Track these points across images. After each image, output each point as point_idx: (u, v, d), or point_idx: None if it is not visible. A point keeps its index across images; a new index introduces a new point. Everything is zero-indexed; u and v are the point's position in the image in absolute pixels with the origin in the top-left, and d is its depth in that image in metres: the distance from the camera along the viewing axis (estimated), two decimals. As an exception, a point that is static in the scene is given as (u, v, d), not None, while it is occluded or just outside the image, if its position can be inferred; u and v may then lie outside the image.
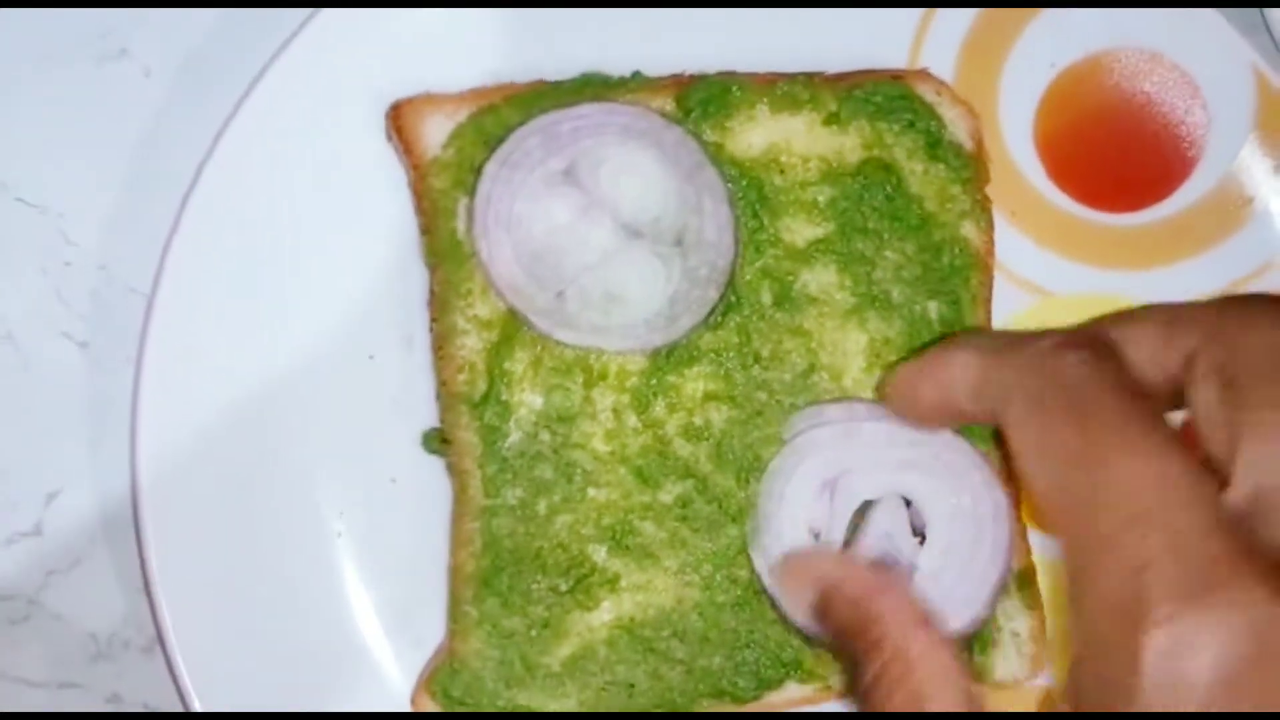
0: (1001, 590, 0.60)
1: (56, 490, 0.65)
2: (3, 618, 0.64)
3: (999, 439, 0.62)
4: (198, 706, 0.59)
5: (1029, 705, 0.63)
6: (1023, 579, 0.62)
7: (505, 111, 0.63)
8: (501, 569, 0.60)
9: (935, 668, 0.48)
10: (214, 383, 0.62)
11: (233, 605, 0.61)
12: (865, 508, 0.60)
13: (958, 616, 0.59)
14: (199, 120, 0.66)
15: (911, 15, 0.68)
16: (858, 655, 0.50)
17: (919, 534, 0.61)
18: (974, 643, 0.61)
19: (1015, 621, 0.62)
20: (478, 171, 0.62)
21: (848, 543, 0.59)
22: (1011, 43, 0.68)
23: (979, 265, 0.64)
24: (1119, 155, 0.69)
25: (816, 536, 0.60)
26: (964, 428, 0.60)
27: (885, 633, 0.50)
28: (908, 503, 0.61)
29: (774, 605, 0.60)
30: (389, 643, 0.62)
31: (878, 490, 0.60)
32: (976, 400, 0.52)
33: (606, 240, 0.61)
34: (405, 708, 0.61)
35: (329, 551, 0.63)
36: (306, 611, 0.62)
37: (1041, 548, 0.63)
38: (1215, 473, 0.45)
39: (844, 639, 0.52)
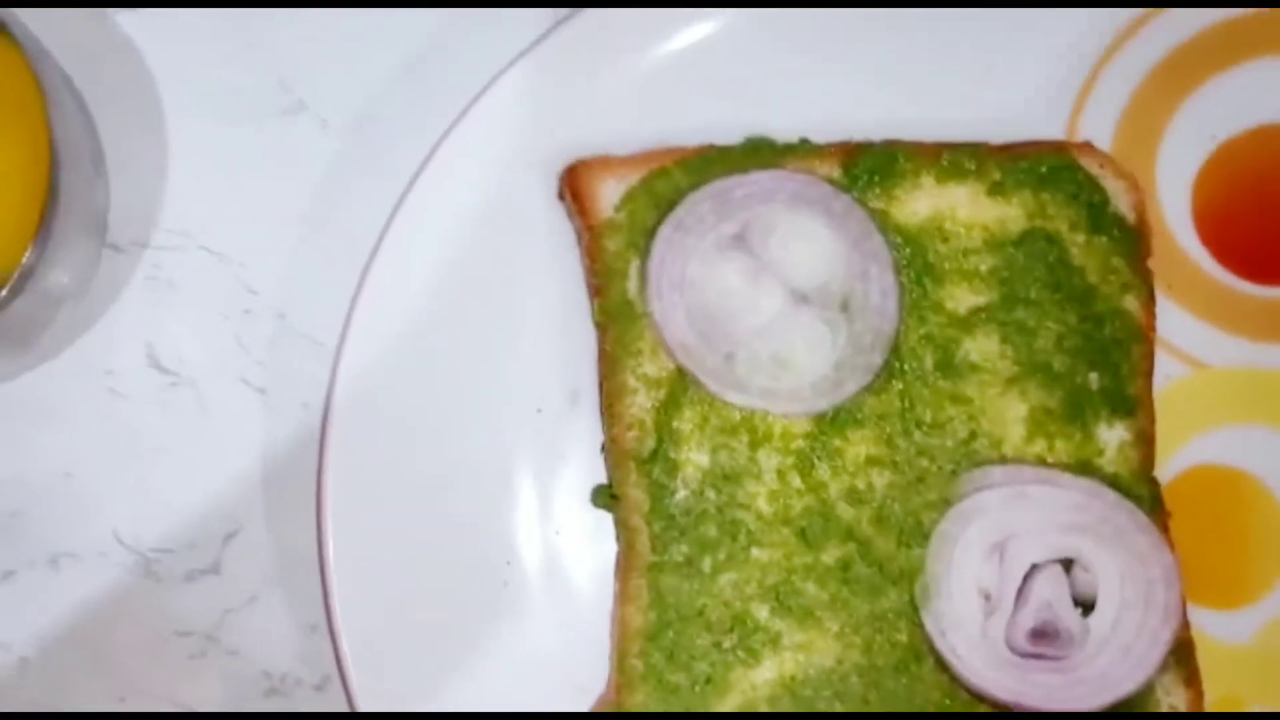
0: (1171, 653, 0.61)
1: (234, 530, 0.67)
2: (182, 652, 0.67)
3: (1160, 505, 0.63)
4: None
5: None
6: (1180, 652, 0.62)
7: (676, 175, 0.65)
8: (667, 624, 0.62)
9: None
10: (390, 431, 0.64)
11: (406, 646, 0.63)
12: (1030, 573, 0.61)
13: (1128, 680, 0.60)
14: (372, 171, 0.69)
15: (1071, 85, 0.68)
16: None
17: (1080, 603, 0.62)
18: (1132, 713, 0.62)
19: (1173, 695, 0.63)
20: (649, 233, 0.64)
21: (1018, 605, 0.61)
22: (1171, 114, 0.69)
23: (1140, 338, 0.65)
24: (1277, 227, 0.69)
25: (987, 598, 0.61)
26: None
27: None
28: (1067, 571, 0.62)
29: (944, 666, 0.61)
30: (553, 690, 0.64)
31: (1047, 553, 0.61)
32: None
33: (775, 305, 0.63)
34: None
35: (497, 599, 0.65)
36: (475, 656, 0.64)
37: (1199, 623, 0.64)
38: None
39: None
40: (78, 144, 0.64)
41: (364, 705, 0.62)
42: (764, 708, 0.62)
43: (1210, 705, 0.64)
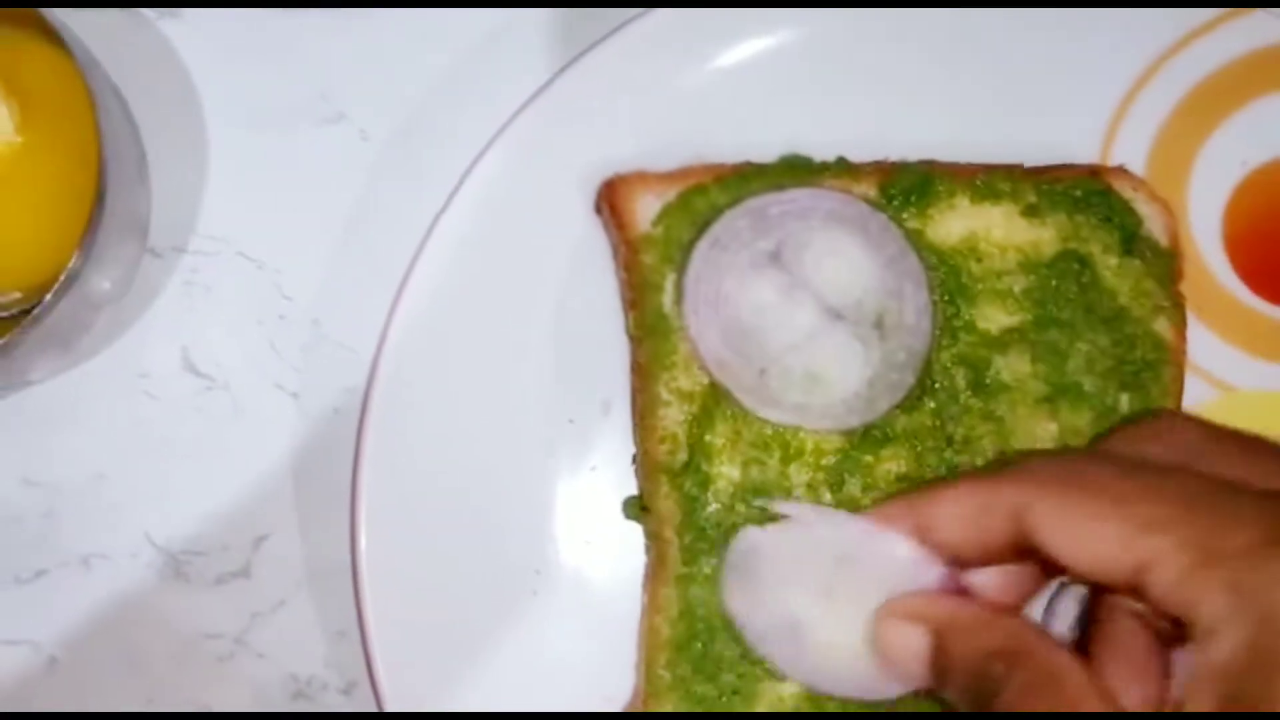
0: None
1: (265, 534, 0.68)
2: (210, 655, 0.67)
3: None
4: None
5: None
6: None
7: (713, 192, 0.65)
8: (695, 636, 0.62)
9: (1082, 682, 0.49)
10: (424, 438, 0.65)
11: (434, 651, 0.63)
12: (1059, 591, 0.61)
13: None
14: (410, 182, 0.70)
15: (1105, 109, 0.69)
16: (992, 681, 0.50)
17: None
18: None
19: (1201, 716, 0.63)
20: (686, 249, 0.64)
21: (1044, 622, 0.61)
22: (1203, 140, 0.69)
23: (1171, 361, 0.65)
24: (1308, 255, 0.69)
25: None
26: None
27: (1027, 648, 0.50)
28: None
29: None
30: (579, 698, 0.64)
31: None
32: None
33: (809, 321, 0.63)
34: (598, 765, 0.63)
35: (525, 608, 0.65)
36: (502, 662, 0.64)
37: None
38: None
39: (971, 673, 0.52)
40: (124, 151, 0.65)
41: (392, 709, 0.62)
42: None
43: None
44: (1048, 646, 0.50)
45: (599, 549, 0.66)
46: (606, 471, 0.66)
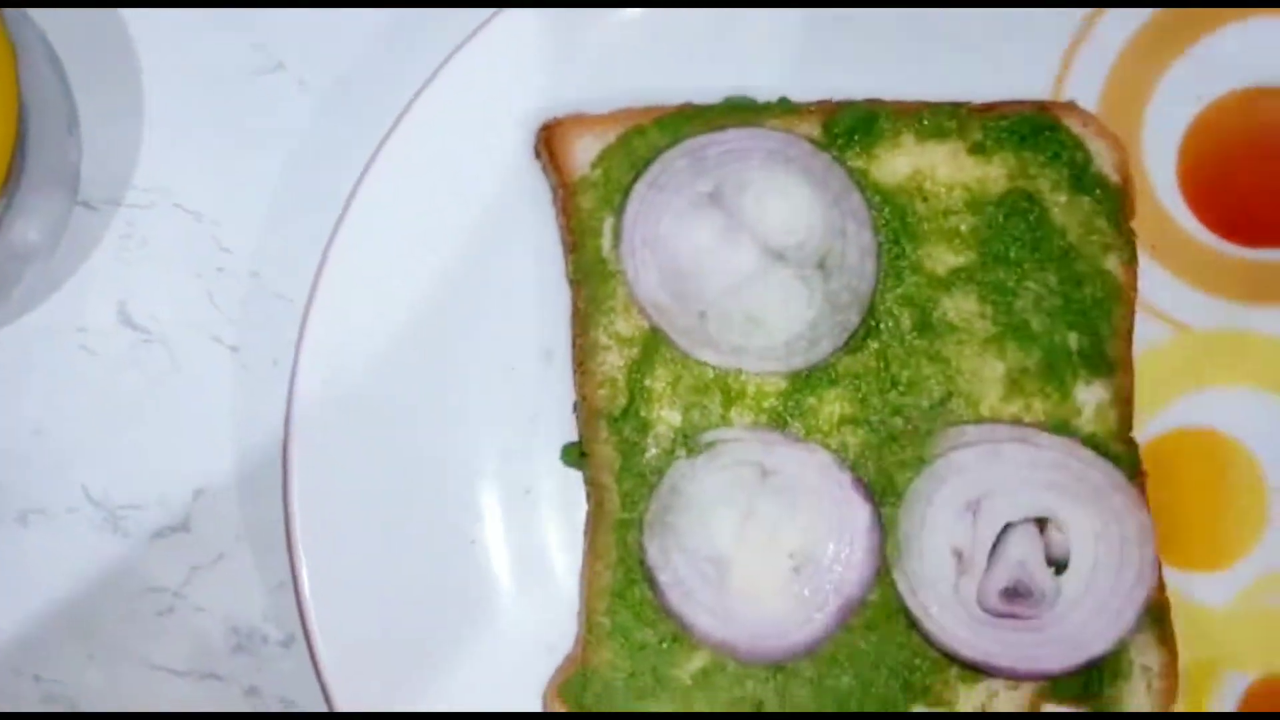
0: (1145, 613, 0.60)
1: (203, 487, 0.67)
2: (150, 609, 0.66)
3: (1137, 465, 0.62)
4: (336, 699, 0.60)
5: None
6: (1155, 613, 0.61)
7: (653, 133, 0.64)
8: (635, 582, 0.61)
9: None
10: (359, 389, 0.63)
11: (371, 603, 0.62)
12: (1004, 532, 0.60)
13: (1099, 640, 0.59)
14: (349, 132, 0.68)
15: (1057, 46, 0.68)
16: None
17: (1053, 563, 0.61)
18: (1104, 672, 0.61)
19: (1146, 656, 0.61)
20: (625, 191, 0.63)
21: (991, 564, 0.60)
22: (1158, 76, 0.68)
23: (1121, 299, 0.64)
24: (1263, 189, 0.68)
25: (960, 557, 0.60)
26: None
27: None
28: (1041, 530, 0.61)
29: (914, 625, 0.60)
30: (521, 649, 0.63)
31: (1021, 511, 0.60)
32: None
33: (748, 263, 0.62)
34: (538, 709, 0.62)
35: (464, 557, 0.64)
36: (441, 614, 0.63)
37: (1179, 586, 0.63)
38: None
39: None
40: (50, 102, 0.64)
41: (328, 663, 0.61)
42: (731, 665, 0.61)
43: (1188, 669, 0.62)
44: None
45: (539, 498, 0.65)
46: (547, 419, 0.65)
